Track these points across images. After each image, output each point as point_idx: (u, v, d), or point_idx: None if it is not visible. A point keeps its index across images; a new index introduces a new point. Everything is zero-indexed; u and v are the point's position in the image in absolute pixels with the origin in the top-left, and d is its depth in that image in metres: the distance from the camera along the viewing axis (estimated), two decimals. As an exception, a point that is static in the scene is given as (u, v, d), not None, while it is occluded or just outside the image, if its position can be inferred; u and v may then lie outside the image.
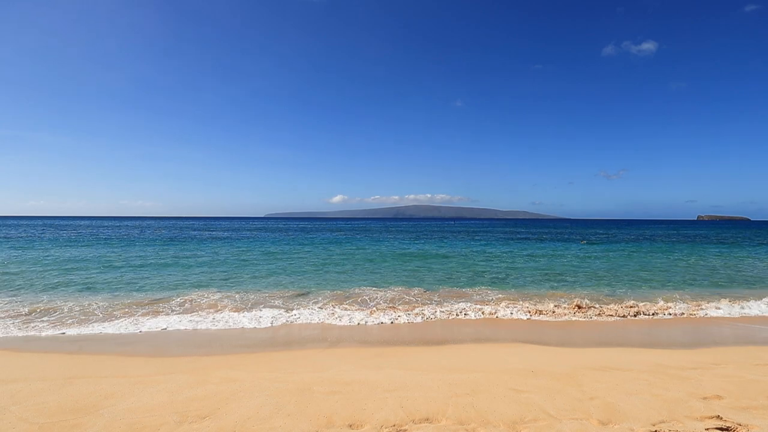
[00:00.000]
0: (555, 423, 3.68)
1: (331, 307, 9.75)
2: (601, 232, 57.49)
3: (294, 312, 9.19)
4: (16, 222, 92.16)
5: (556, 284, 13.46)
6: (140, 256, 20.52)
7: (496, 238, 40.62)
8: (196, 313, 9.15)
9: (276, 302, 10.32)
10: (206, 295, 11.03)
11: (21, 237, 35.11)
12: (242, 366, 5.67)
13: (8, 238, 33.94)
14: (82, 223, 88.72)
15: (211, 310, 9.38)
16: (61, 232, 44.54)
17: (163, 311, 9.32)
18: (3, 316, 8.74)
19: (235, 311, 9.27)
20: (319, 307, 9.76)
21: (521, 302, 10.41)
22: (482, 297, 11.19)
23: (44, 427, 3.64)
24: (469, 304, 10.12)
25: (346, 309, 9.60)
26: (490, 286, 13.03)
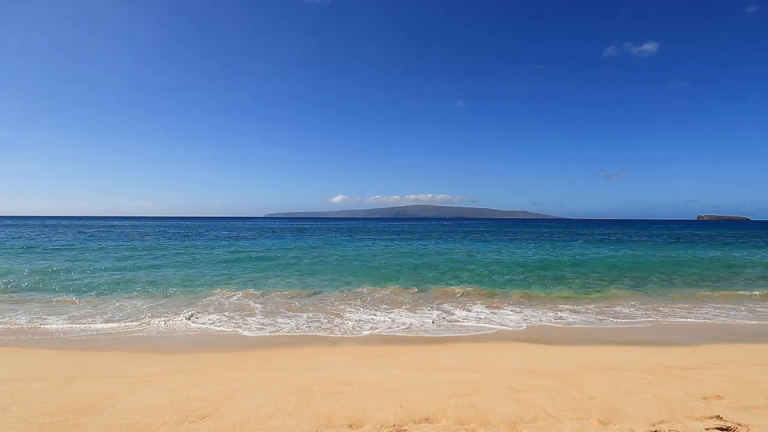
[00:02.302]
0: (555, 423, 3.68)
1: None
2: (600, 232, 57.57)
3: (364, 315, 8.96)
4: (13, 222, 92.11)
5: (545, 285, 13.45)
6: (139, 259, 20.51)
7: (491, 238, 40.58)
8: (213, 314, 9.07)
9: (293, 303, 10.37)
10: (212, 298, 11.03)
11: (24, 238, 35.06)
12: (242, 366, 5.67)
13: (12, 238, 33.91)
14: (81, 223, 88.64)
15: (242, 312, 9.26)
16: (64, 232, 44.52)
17: (172, 314, 9.14)
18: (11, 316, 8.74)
19: (260, 316, 9.03)
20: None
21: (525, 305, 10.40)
22: (476, 298, 11.19)
23: (44, 427, 3.64)
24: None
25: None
26: (490, 287, 13.03)
